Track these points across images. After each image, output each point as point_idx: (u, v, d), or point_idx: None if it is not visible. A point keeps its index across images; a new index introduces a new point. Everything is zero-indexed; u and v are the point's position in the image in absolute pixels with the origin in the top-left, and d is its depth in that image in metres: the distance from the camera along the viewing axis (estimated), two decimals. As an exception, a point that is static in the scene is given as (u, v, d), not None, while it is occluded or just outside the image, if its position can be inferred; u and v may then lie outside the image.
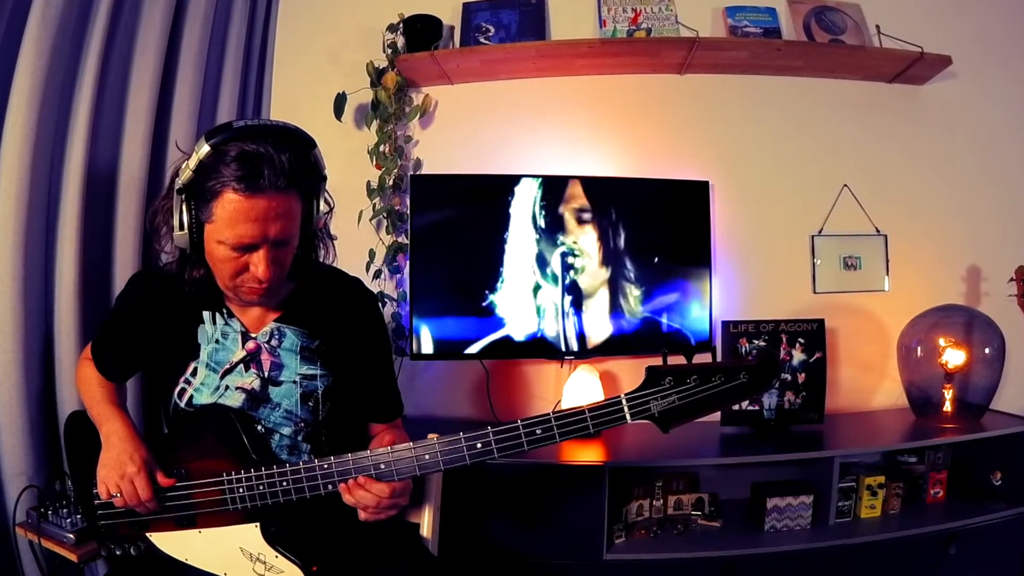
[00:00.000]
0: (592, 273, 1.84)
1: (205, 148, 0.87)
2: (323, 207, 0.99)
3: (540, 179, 1.83)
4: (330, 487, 0.93)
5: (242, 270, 0.93)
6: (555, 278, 1.82)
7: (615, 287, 1.85)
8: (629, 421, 0.85)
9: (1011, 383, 1.88)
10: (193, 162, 0.88)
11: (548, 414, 0.87)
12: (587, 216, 1.84)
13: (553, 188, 1.83)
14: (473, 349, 1.81)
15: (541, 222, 1.82)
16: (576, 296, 1.84)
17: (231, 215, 0.88)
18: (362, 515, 0.94)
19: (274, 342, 1.04)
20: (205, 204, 0.89)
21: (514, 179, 1.83)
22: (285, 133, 0.91)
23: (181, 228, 0.92)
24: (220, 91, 1.83)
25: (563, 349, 1.83)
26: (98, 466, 0.98)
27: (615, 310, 1.85)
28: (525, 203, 1.81)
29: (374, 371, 1.12)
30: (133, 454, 0.96)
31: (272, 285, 0.95)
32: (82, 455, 1.05)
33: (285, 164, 0.88)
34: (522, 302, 1.82)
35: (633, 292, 1.86)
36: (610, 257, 1.85)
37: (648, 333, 1.86)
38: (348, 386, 1.08)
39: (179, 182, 0.90)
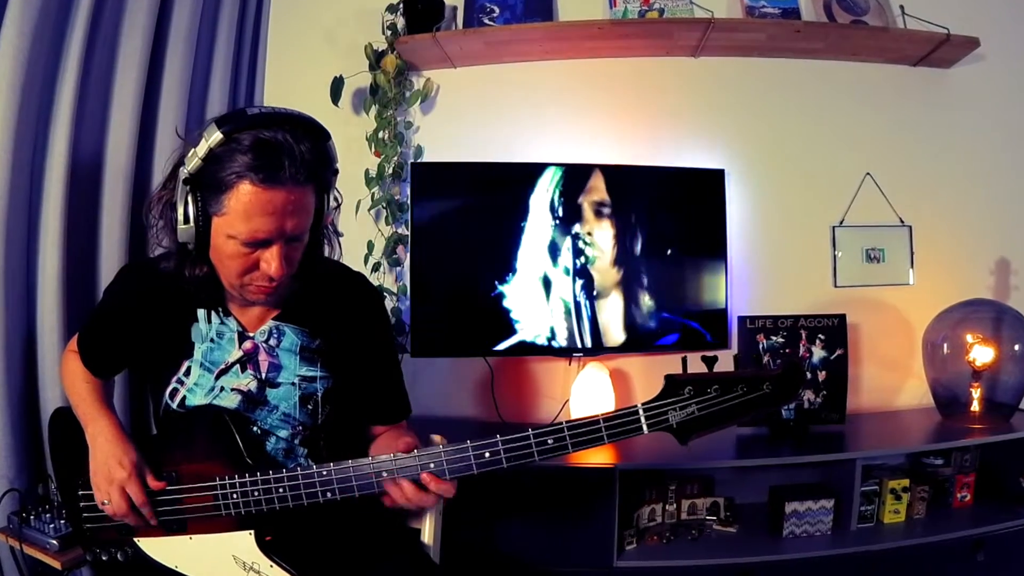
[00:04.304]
0: (606, 264, 1.79)
1: (217, 135, 0.82)
2: (331, 202, 0.95)
3: (557, 168, 1.77)
4: (329, 495, 0.90)
5: (252, 267, 0.89)
6: (567, 270, 1.77)
7: (627, 280, 1.79)
8: (646, 432, 0.82)
9: (1041, 381, 1.82)
10: (203, 150, 0.83)
11: (561, 423, 0.85)
12: (605, 208, 1.78)
13: (570, 178, 1.77)
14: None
15: (557, 212, 1.76)
16: (588, 287, 1.78)
17: (246, 208, 0.83)
18: (388, 501, 0.91)
19: (272, 341, 1.00)
20: (215, 196, 0.84)
21: (523, 167, 1.77)
22: (301, 122, 0.87)
23: (187, 221, 0.86)
24: (211, 75, 1.78)
25: (577, 343, 1.77)
26: (90, 473, 0.95)
27: (627, 304, 1.79)
28: (541, 193, 1.75)
29: (380, 371, 1.09)
30: (122, 457, 0.93)
31: (282, 284, 0.91)
32: (67, 456, 1.02)
33: (305, 155, 0.84)
34: (535, 297, 1.76)
35: (645, 286, 1.80)
36: (622, 249, 1.79)
37: (661, 328, 1.81)
38: (350, 388, 1.05)
39: (185, 171, 0.85)
